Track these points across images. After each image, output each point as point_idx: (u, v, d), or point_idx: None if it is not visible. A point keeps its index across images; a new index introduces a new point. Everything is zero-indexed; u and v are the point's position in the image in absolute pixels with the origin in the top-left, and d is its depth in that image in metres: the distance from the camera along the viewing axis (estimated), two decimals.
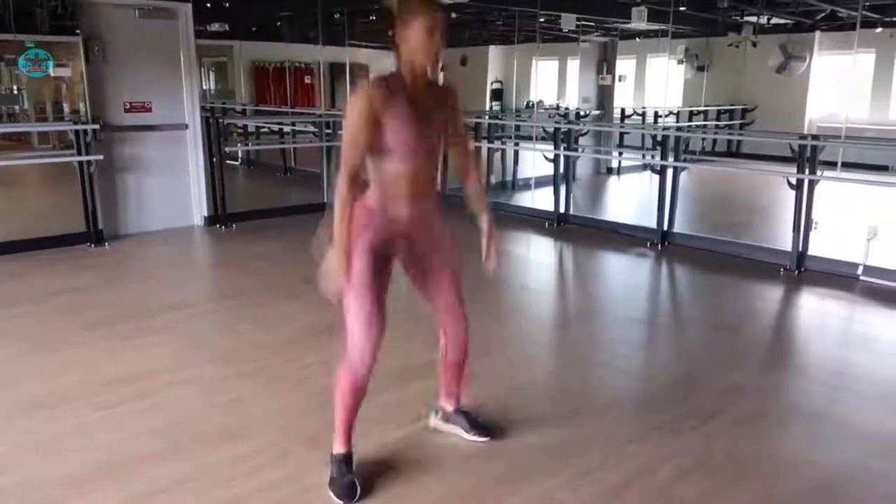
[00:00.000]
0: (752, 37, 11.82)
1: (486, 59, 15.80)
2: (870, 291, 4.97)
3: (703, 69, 12.98)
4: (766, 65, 12.22)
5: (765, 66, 12.25)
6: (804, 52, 12.01)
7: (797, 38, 12.00)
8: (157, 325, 4.08)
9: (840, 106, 12.95)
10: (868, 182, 5.82)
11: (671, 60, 12.21)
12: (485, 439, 2.76)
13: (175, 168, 6.62)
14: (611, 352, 3.91)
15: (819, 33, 11.98)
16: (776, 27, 11.86)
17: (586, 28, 11.59)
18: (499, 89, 15.95)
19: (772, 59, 12.12)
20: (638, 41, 12.78)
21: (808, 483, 2.56)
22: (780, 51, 12.05)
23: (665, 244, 6.20)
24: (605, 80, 10.61)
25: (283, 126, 10.55)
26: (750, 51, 12.05)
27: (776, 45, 12.09)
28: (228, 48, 13.99)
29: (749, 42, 11.90)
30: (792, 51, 11.98)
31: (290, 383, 3.32)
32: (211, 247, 6.34)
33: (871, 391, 3.39)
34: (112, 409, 3.00)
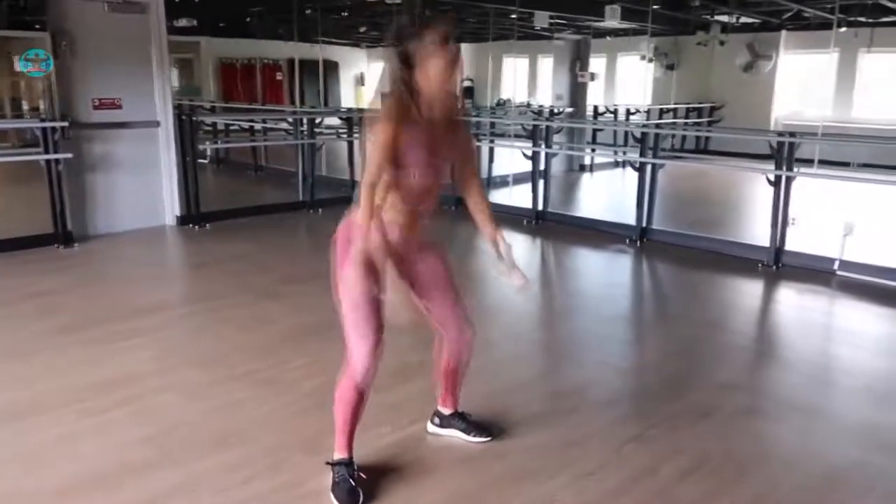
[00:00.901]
0: (720, 36, 11.99)
1: None
2: (846, 286, 5.05)
3: (671, 68, 13.14)
4: (733, 63, 12.41)
5: (732, 64, 12.44)
6: (770, 51, 12.22)
7: (764, 37, 12.21)
8: (135, 328, 3.95)
9: (804, 104, 13.24)
10: (844, 178, 5.92)
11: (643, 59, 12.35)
12: (485, 439, 2.74)
13: (146, 166, 6.44)
14: (602, 350, 3.91)
15: (785, 32, 12.20)
16: (743, 26, 12.04)
17: (557, 26, 11.63)
18: (470, 87, 15.93)
19: (739, 58, 12.32)
20: (608, 40, 12.89)
21: (809, 478, 2.57)
22: (747, 50, 12.24)
23: (643, 241, 6.23)
24: (583, 77, 10.65)
25: (255, 123, 10.35)
26: (718, 49, 12.23)
27: (743, 44, 12.29)
28: (195, 44, 13.74)
29: (717, 41, 12.07)
30: (759, 50, 12.19)
31: (279, 387, 3.23)
32: (185, 247, 6.19)
33: (857, 384, 3.44)
34: (96, 417, 2.89)
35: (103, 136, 6.10)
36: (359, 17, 12.17)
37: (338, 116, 8.83)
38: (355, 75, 17.16)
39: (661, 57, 13.09)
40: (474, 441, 2.73)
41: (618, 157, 10.55)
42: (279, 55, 14.22)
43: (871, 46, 11.24)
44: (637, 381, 3.50)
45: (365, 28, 13.70)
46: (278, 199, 7.61)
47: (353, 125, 9.16)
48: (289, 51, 13.75)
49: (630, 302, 5.03)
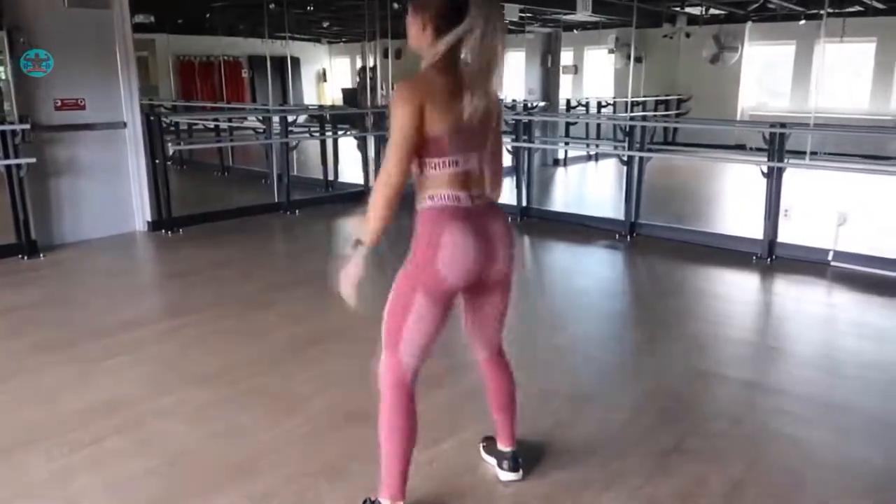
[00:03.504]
0: (686, 28, 12.03)
1: None
2: (842, 277, 5.02)
3: (640, 60, 13.15)
4: (699, 55, 12.47)
5: (698, 56, 12.50)
6: (736, 42, 12.31)
7: (729, 29, 12.30)
8: (119, 345, 3.67)
9: (770, 95, 13.42)
10: (836, 169, 5.92)
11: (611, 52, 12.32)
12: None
13: (113, 170, 6.10)
14: (615, 351, 3.78)
15: (750, 24, 12.31)
16: (710, 18, 12.11)
17: (525, 19, 11.51)
18: None
19: (705, 50, 12.38)
20: (576, 33, 12.83)
21: (863, 482, 2.47)
22: (713, 41, 12.31)
23: (633, 235, 6.14)
24: (567, 70, 10.55)
25: (222, 123, 9.98)
26: (684, 42, 12.28)
27: (709, 36, 12.36)
28: (150, 42, 13.23)
29: (683, 33, 12.10)
30: (725, 42, 12.27)
31: (288, 405, 3.01)
32: (160, 255, 5.87)
33: (882, 378, 3.37)
34: (90, 448, 2.63)
35: (67, 138, 5.73)
36: (324, 13, 11.84)
37: (309, 114, 8.55)
38: (317, 71, 16.81)
39: (624, 48, 13.10)
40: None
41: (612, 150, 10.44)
42: (240, 52, 13.82)
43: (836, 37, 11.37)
44: (655, 383, 3.35)
45: (328, 23, 13.37)
46: (252, 201, 7.30)
47: (325, 123, 8.93)
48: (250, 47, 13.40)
49: (632, 299, 4.92)
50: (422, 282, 2.01)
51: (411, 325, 2.03)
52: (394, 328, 2.07)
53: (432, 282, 2.00)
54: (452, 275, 2.00)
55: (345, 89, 16.36)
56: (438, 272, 1.99)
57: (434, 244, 1.98)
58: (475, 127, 1.97)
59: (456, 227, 1.98)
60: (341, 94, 16.14)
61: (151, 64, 14.15)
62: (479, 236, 2.01)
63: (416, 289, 2.01)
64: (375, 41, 9.65)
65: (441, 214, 1.99)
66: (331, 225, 6.98)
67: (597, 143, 10.87)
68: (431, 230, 1.99)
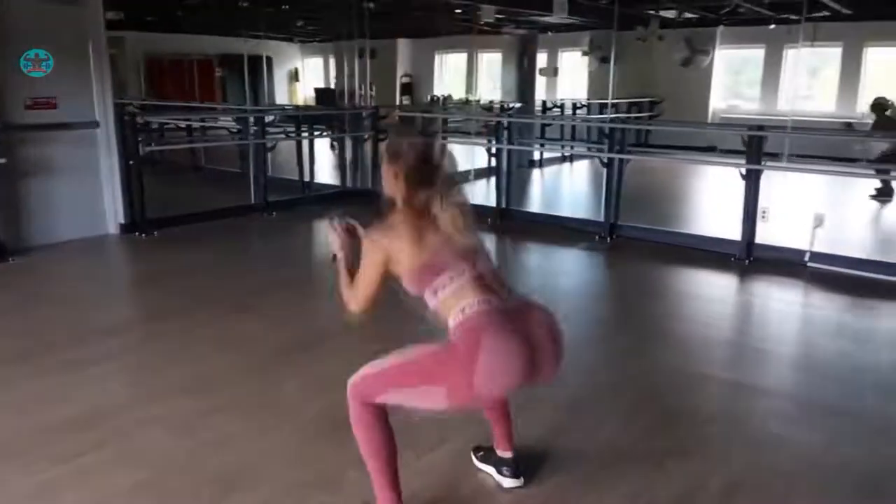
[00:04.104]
0: (658, 31, 12.13)
1: (395, 52, 15.49)
2: (819, 277, 5.10)
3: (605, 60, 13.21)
4: (671, 58, 12.59)
5: (671, 59, 12.63)
6: (708, 46, 12.47)
7: (701, 32, 12.44)
8: (96, 353, 3.55)
9: (740, 97, 13.62)
10: (813, 171, 6.01)
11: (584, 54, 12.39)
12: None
13: (85, 171, 5.94)
14: (603, 355, 3.77)
15: (721, 28, 12.47)
16: (681, 22, 12.22)
17: (501, 21, 11.53)
18: (409, 83, 15.69)
19: (678, 53, 12.51)
20: (550, 35, 12.88)
21: (861, 485, 2.49)
22: (685, 44, 12.44)
23: (613, 237, 6.16)
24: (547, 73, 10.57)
25: (195, 123, 9.80)
26: (657, 45, 12.38)
27: (681, 39, 12.49)
28: (118, 40, 12.96)
29: (656, 36, 12.20)
30: (696, 45, 12.41)
31: (278, 414, 2.94)
32: (135, 258, 5.73)
33: (865, 379, 3.42)
34: (74, 462, 2.53)
35: (38, 138, 5.56)
36: (297, 12, 11.71)
37: (286, 115, 8.45)
38: (289, 71, 16.63)
39: (599, 51, 13.18)
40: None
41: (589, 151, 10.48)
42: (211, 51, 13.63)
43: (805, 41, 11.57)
44: (646, 386, 3.35)
45: (302, 22, 13.23)
46: (228, 202, 7.16)
47: (301, 124, 8.82)
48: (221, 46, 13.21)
49: (615, 301, 4.93)
50: (453, 383, 1.95)
51: (408, 396, 2.02)
52: (390, 381, 2.03)
53: (464, 391, 1.94)
54: (488, 388, 1.94)
55: (317, 89, 16.22)
56: (473, 385, 1.90)
57: (473, 351, 1.90)
58: (458, 251, 2.02)
59: (498, 333, 1.93)
60: (314, 94, 16.00)
61: (121, 62, 13.88)
62: (523, 344, 1.94)
63: (442, 382, 1.96)
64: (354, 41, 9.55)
65: (479, 320, 1.96)
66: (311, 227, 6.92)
67: (571, 145, 10.92)
68: (471, 337, 1.93)
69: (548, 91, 13.39)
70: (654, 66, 12.92)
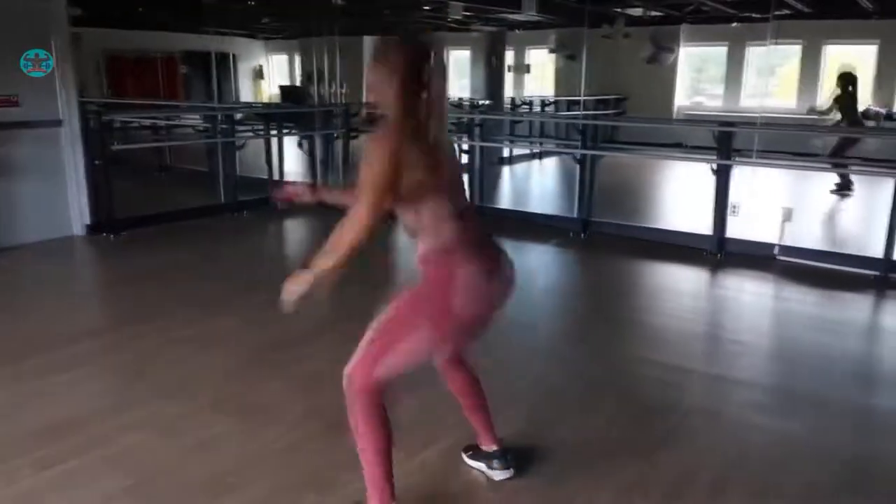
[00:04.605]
0: (623, 28, 12.26)
1: (361, 50, 15.39)
2: (788, 270, 5.22)
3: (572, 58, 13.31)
4: (637, 56, 12.74)
5: (636, 56, 12.77)
6: (672, 43, 12.65)
7: (665, 30, 12.62)
8: (73, 357, 3.46)
9: (702, 95, 13.85)
10: (781, 166, 6.13)
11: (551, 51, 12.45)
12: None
13: (49, 171, 5.78)
14: (583, 350, 3.79)
15: (685, 26, 12.66)
16: (646, 20, 12.37)
17: (469, 18, 11.54)
18: None
19: (643, 51, 12.66)
20: (518, 33, 12.94)
21: (844, 472, 2.55)
22: (650, 42, 12.60)
23: (587, 233, 6.22)
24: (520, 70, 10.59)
25: (161, 122, 9.61)
26: (622, 42, 12.51)
27: (647, 37, 12.64)
28: (77, 36, 12.65)
29: (621, 34, 12.34)
30: (661, 42, 12.58)
31: (263, 416, 2.90)
32: (103, 259, 5.59)
33: (839, 368, 3.50)
34: (59, 468, 2.46)
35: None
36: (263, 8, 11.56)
37: (254, 113, 8.34)
38: (253, 68, 16.43)
39: (565, 48, 13.28)
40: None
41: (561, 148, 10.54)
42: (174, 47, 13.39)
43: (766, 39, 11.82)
44: (628, 381, 3.39)
45: (267, 19, 13.07)
46: (196, 202, 7.05)
47: (270, 122, 8.71)
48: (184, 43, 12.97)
49: (592, 297, 4.96)
50: (434, 313, 1.98)
51: (402, 352, 2.00)
52: (380, 350, 2.01)
53: (446, 318, 1.97)
54: (467, 308, 1.97)
55: (283, 87, 16.05)
56: (452, 309, 1.96)
57: (451, 274, 1.97)
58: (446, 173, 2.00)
59: (473, 259, 1.99)
60: (279, 92, 15.83)
61: (80, 60, 13.56)
62: (493, 273, 2.05)
63: (424, 318, 1.98)
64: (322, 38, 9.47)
65: (455, 245, 1.98)
66: (282, 226, 6.87)
67: (541, 142, 10.99)
68: (447, 261, 1.98)
69: (515, 88, 13.46)
70: (619, 63, 13.06)
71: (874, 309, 4.64)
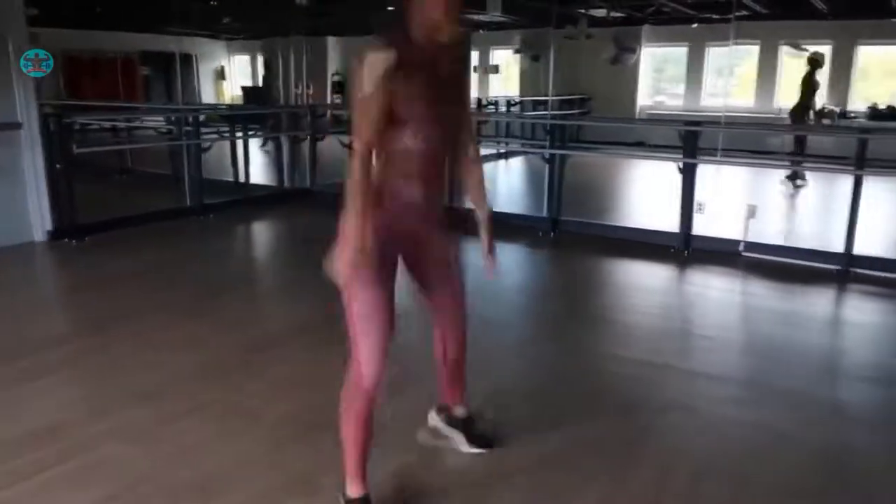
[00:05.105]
0: (586, 30, 12.41)
1: (325, 50, 15.32)
2: (753, 265, 5.34)
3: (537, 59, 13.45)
4: (600, 56, 12.91)
5: (599, 57, 12.94)
6: (634, 44, 12.84)
7: (627, 30, 12.80)
8: (44, 364, 3.38)
9: (662, 94, 14.09)
10: (744, 164, 6.26)
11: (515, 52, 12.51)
12: (481, 451, 2.57)
13: (7, 175, 5.62)
14: (555, 349, 3.82)
15: (646, 27, 12.87)
16: (608, 21, 12.54)
17: None
18: (340, 81, 15.54)
19: (606, 51, 12.83)
20: (482, 33, 12.99)
21: (826, 463, 2.63)
22: (613, 43, 12.78)
23: (556, 232, 6.28)
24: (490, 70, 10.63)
25: (117, 123, 9.42)
26: (585, 43, 12.66)
27: (609, 38, 12.81)
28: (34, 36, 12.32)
29: (584, 35, 12.49)
30: (624, 43, 12.76)
31: (243, 418, 2.87)
32: (67, 265, 5.46)
33: (807, 361, 3.60)
34: (35, 479, 2.40)
35: None
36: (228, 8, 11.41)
37: (220, 114, 8.22)
38: (215, 69, 16.21)
39: (530, 49, 13.40)
40: (471, 451, 2.56)
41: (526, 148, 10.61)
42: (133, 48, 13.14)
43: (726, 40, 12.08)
44: (604, 378, 3.43)
45: (228, 19, 12.90)
46: (161, 206, 6.92)
47: (235, 123, 8.63)
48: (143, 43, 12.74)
49: (563, 295, 5.00)
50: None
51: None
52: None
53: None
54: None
55: (245, 87, 15.88)
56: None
57: None
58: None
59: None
60: (242, 93, 15.65)
61: None
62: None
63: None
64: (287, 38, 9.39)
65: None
66: (250, 229, 6.79)
67: (506, 142, 11.05)
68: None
69: (480, 89, 13.53)
70: (583, 63, 13.22)
71: (837, 302, 4.79)
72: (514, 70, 13.64)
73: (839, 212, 5.42)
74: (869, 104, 11.55)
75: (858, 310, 4.66)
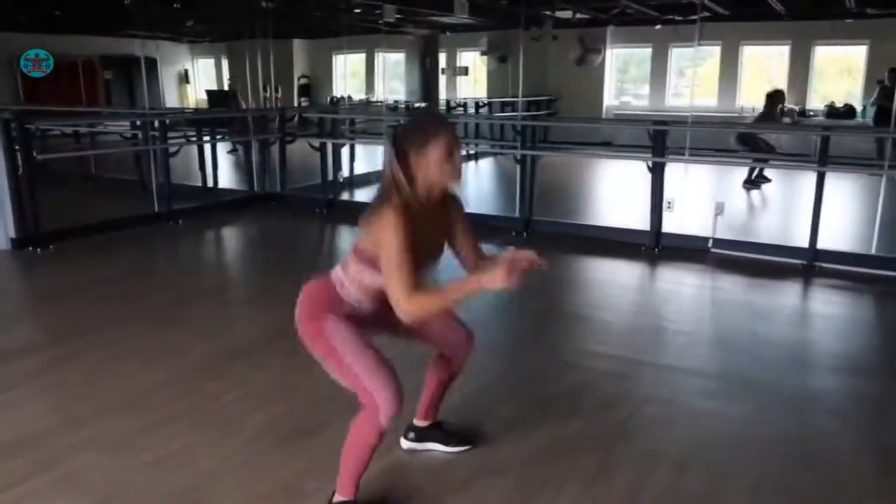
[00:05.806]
0: (552, 31, 12.52)
1: (291, 53, 15.19)
2: (722, 261, 5.44)
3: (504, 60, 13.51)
4: (566, 57, 13.03)
5: (565, 58, 13.06)
6: (599, 45, 12.98)
7: (592, 32, 12.94)
8: (9, 376, 3.30)
9: (629, 95, 14.26)
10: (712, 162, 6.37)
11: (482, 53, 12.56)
12: (465, 448, 2.62)
13: None
14: (531, 348, 3.85)
15: (611, 28, 13.01)
16: (572, 22, 12.66)
17: (400, 21, 11.53)
18: (307, 84, 15.42)
19: (572, 52, 12.95)
20: (448, 35, 13.02)
21: (797, 455, 2.68)
22: (578, 44, 12.90)
23: (529, 231, 6.32)
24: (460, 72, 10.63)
25: (80, 129, 9.23)
26: (551, 44, 12.77)
27: (574, 39, 12.94)
28: None
29: (550, 36, 12.59)
30: (589, 44, 12.89)
31: (222, 426, 2.84)
32: (33, 275, 5.33)
33: (780, 354, 3.68)
34: (11, 492, 2.34)
35: None
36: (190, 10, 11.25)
37: (185, 118, 8.11)
38: (178, 72, 15.98)
39: (497, 50, 13.45)
40: (454, 451, 2.60)
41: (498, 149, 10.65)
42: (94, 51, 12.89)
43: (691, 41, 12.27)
44: (581, 375, 3.45)
45: (191, 22, 12.72)
46: (128, 212, 6.79)
47: (202, 128, 8.52)
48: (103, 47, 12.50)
49: (538, 294, 5.03)
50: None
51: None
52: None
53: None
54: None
55: (210, 91, 15.66)
56: None
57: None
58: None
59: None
60: (206, 97, 15.44)
61: None
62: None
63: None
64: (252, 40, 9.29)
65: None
66: (220, 235, 6.71)
67: (476, 143, 11.09)
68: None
69: (448, 90, 13.55)
70: (549, 65, 13.33)
71: (804, 296, 4.90)
72: (482, 72, 13.68)
73: (804, 208, 5.54)
74: (826, 103, 11.83)
75: (824, 302, 4.77)
